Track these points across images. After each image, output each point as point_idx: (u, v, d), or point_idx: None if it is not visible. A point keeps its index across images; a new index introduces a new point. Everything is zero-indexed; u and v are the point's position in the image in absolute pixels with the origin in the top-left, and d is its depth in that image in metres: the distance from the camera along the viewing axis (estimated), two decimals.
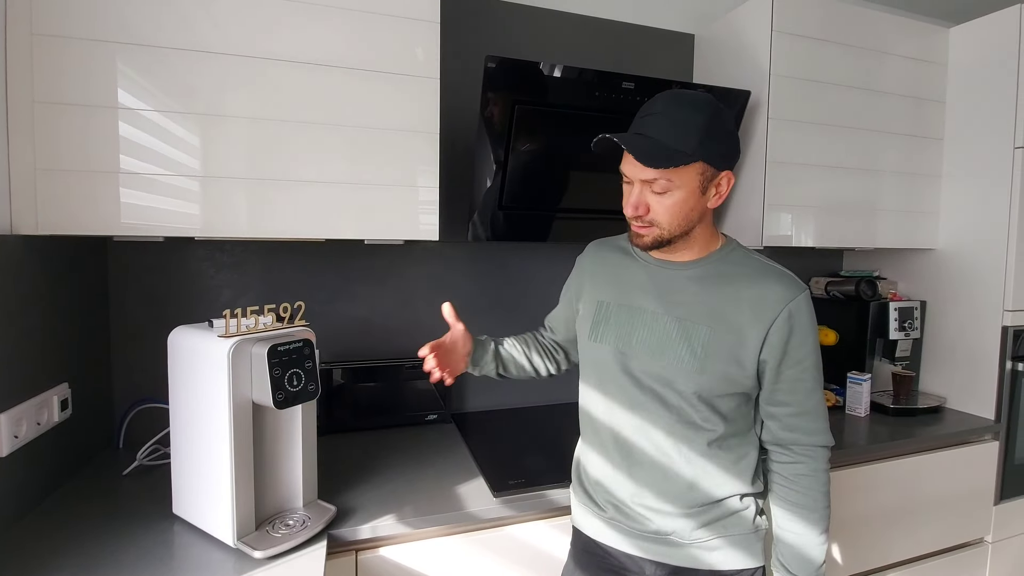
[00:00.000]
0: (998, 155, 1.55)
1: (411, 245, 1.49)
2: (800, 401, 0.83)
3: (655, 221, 0.81)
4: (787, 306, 0.80)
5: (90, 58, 0.94)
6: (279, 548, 0.84)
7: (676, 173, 0.77)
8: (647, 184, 0.79)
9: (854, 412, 1.60)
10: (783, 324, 0.80)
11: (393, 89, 1.12)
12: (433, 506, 1.01)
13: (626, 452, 0.88)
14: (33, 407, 0.96)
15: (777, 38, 1.44)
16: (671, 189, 0.78)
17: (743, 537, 0.86)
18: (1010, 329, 1.54)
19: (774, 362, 0.81)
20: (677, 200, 0.79)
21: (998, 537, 1.60)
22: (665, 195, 0.79)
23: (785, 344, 0.80)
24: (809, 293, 0.83)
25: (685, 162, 0.76)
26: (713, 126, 0.76)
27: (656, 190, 0.79)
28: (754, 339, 0.80)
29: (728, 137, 0.79)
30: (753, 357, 0.81)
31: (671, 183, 0.78)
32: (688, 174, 0.78)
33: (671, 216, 0.80)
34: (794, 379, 0.82)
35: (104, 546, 0.86)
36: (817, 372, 0.84)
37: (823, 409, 0.85)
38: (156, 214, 0.99)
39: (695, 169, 0.78)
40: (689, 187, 0.78)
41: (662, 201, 0.79)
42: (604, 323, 0.90)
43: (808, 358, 0.82)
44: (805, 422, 0.84)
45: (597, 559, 0.93)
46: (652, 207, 0.80)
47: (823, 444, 0.85)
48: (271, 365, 0.84)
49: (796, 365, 0.81)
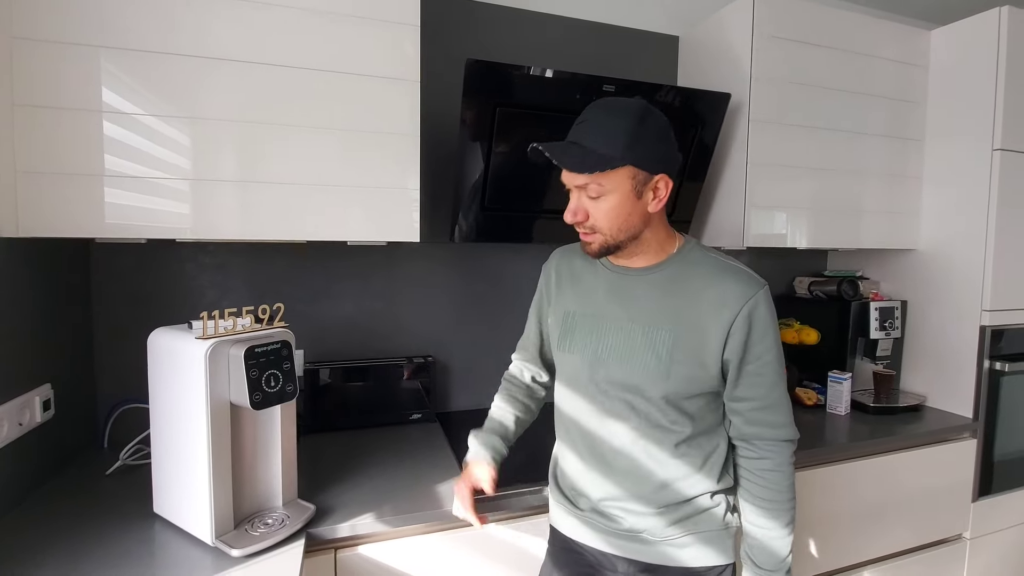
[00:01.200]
0: (977, 157, 1.57)
1: (395, 246, 1.50)
2: (762, 396, 0.84)
3: (596, 227, 0.83)
4: (746, 303, 0.81)
5: (71, 61, 0.95)
6: (257, 547, 0.86)
7: (605, 177, 0.79)
8: (582, 190, 0.82)
9: (835, 411, 1.62)
10: (743, 322, 0.81)
11: (375, 92, 1.13)
12: (413, 504, 1.02)
13: (598, 455, 0.90)
14: (15, 408, 0.97)
15: (759, 40, 1.46)
16: (603, 194, 0.80)
17: (714, 534, 0.88)
18: (988, 328, 1.57)
19: (735, 360, 0.82)
20: (612, 204, 0.81)
21: (976, 533, 1.63)
22: (600, 200, 0.81)
23: (745, 341, 0.82)
24: (768, 289, 0.83)
25: (612, 166, 0.78)
26: (640, 131, 0.78)
27: (591, 195, 0.81)
28: (716, 339, 0.82)
29: (659, 141, 0.80)
30: (716, 357, 0.82)
31: (602, 187, 0.80)
32: (618, 178, 0.79)
33: (609, 221, 0.82)
34: (755, 374, 0.83)
35: (84, 544, 0.87)
36: (779, 366, 0.84)
37: (786, 403, 0.86)
38: (139, 216, 1.00)
39: (625, 173, 0.79)
40: (621, 191, 0.80)
41: (598, 206, 0.81)
42: (571, 333, 0.92)
43: (768, 352, 0.83)
44: (767, 416, 0.85)
45: (573, 557, 0.95)
46: (591, 213, 0.82)
47: (787, 438, 0.86)
48: (248, 366, 0.85)
49: (756, 360, 0.83)
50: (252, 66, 1.05)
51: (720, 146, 1.55)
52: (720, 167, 1.58)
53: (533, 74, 1.23)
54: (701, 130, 1.47)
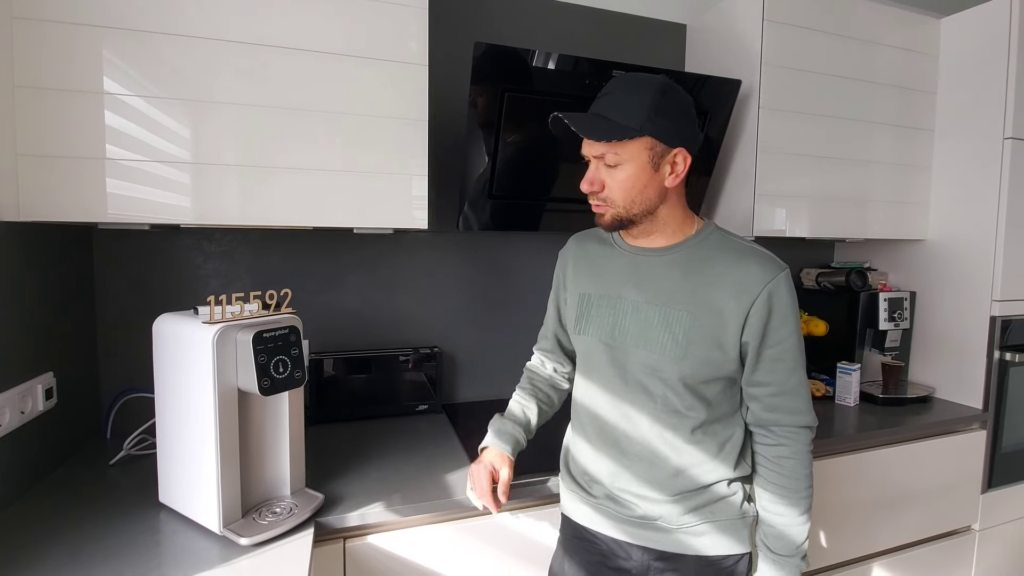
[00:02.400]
0: (988, 146, 1.56)
1: (401, 235, 1.48)
2: (780, 381, 0.83)
3: (609, 198, 0.83)
4: (766, 286, 0.80)
5: (72, 42, 0.93)
6: (265, 535, 0.84)
7: (623, 147, 0.79)
8: (600, 160, 0.82)
9: (843, 402, 1.60)
10: (763, 305, 0.80)
11: (382, 76, 1.11)
12: (422, 494, 1.01)
13: (612, 440, 0.89)
14: (17, 395, 0.95)
15: (769, 27, 1.44)
16: (620, 163, 0.80)
17: (730, 523, 0.86)
18: (998, 319, 1.55)
19: (755, 343, 0.81)
20: (628, 175, 0.80)
21: (985, 525, 1.62)
22: (616, 169, 0.81)
23: (765, 325, 0.80)
24: (789, 273, 0.82)
25: (629, 136, 0.78)
26: (662, 104, 0.78)
27: (608, 163, 0.81)
28: (735, 322, 0.80)
29: (680, 115, 0.80)
30: (735, 340, 0.81)
31: (619, 156, 0.79)
32: (635, 148, 0.79)
33: (624, 192, 0.81)
34: (774, 359, 0.82)
35: (90, 534, 0.85)
36: (798, 352, 0.83)
37: (804, 389, 0.85)
38: (142, 201, 0.98)
39: (643, 144, 0.79)
40: (638, 161, 0.80)
41: (614, 176, 0.81)
42: (587, 315, 0.91)
43: (789, 338, 0.82)
44: (786, 402, 0.84)
45: (585, 545, 0.93)
46: (606, 183, 0.82)
47: (805, 425, 0.85)
48: (256, 351, 0.83)
49: (776, 345, 0.81)
50: (257, 48, 1.03)
51: (729, 135, 1.53)
52: (729, 156, 1.57)
53: (541, 58, 1.21)
54: (707, 123, 1.45)
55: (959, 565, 1.60)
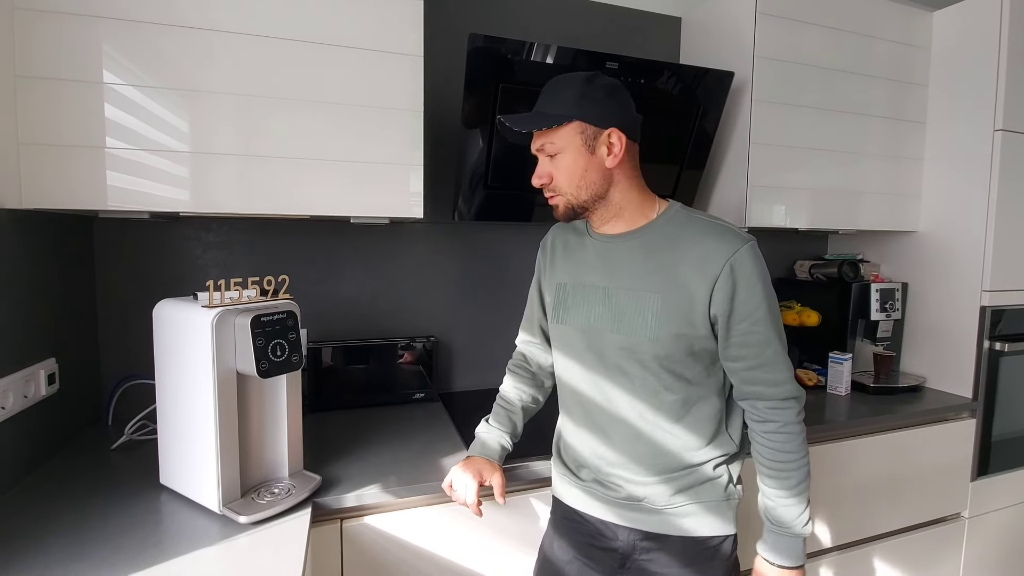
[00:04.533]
0: (978, 138, 1.58)
1: (397, 225, 1.50)
2: (755, 354, 0.83)
3: (557, 187, 0.87)
4: (728, 260, 0.80)
5: (72, 32, 0.95)
6: (264, 514, 0.86)
7: (555, 134, 0.84)
8: (542, 153, 0.87)
9: (835, 391, 1.63)
10: (727, 279, 0.80)
11: (378, 66, 1.13)
12: (418, 477, 1.03)
13: (596, 423, 0.91)
14: (20, 380, 0.97)
15: (761, 20, 1.46)
16: (557, 151, 0.85)
17: (715, 504, 0.88)
18: (988, 309, 1.58)
19: (723, 318, 0.82)
20: (568, 161, 0.85)
21: (974, 512, 1.64)
22: (557, 159, 0.86)
23: (731, 299, 0.81)
24: (754, 245, 0.82)
25: (557, 122, 0.83)
26: (586, 90, 0.83)
27: (548, 153, 0.86)
28: (701, 298, 0.81)
29: (607, 97, 0.84)
30: (703, 316, 0.82)
31: (555, 144, 0.85)
32: (567, 134, 0.84)
33: (568, 178, 0.85)
34: (745, 332, 0.82)
35: (92, 513, 0.87)
36: (770, 323, 0.82)
37: (783, 360, 0.84)
38: (140, 189, 1.00)
39: (574, 128, 0.83)
40: (573, 146, 0.84)
41: (557, 165, 0.86)
42: (564, 304, 0.93)
43: (757, 310, 0.81)
44: (764, 374, 0.84)
45: (574, 526, 0.95)
46: (552, 174, 0.87)
47: (787, 396, 0.84)
48: (254, 335, 0.85)
49: (746, 318, 0.81)
50: (253, 38, 1.04)
51: (722, 128, 1.55)
52: (722, 149, 1.58)
53: (536, 50, 1.23)
54: (701, 117, 1.47)
55: (949, 552, 1.63)
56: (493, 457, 0.99)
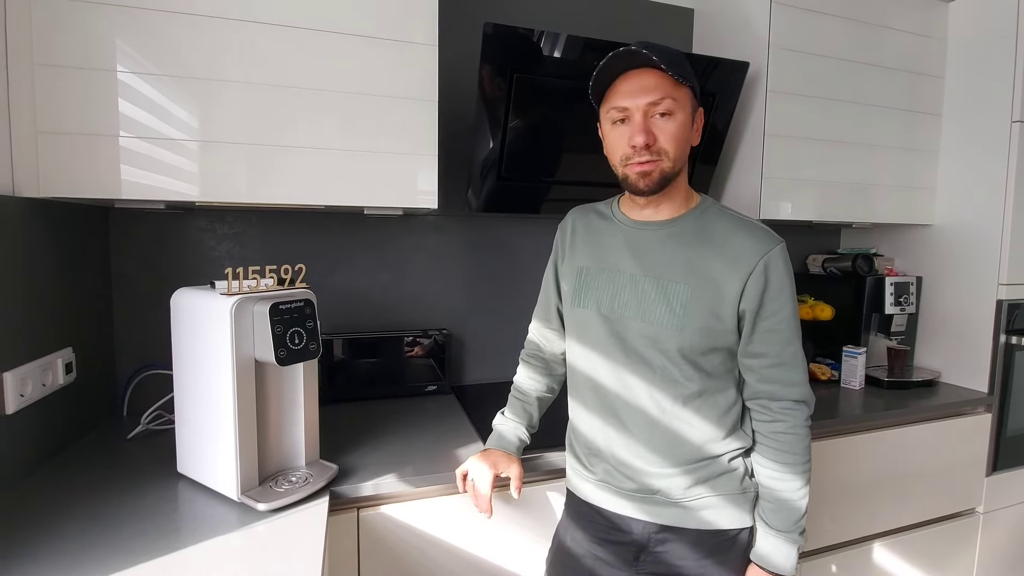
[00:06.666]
0: (995, 129, 1.56)
1: (409, 217, 1.49)
2: (776, 352, 0.83)
3: (663, 150, 0.80)
4: (763, 258, 0.81)
5: (88, 20, 0.95)
6: (282, 501, 0.86)
7: (681, 92, 0.81)
8: (654, 107, 0.79)
9: (849, 385, 1.61)
10: (760, 275, 0.80)
11: (391, 56, 1.12)
12: (434, 467, 1.03)
13: (611, 412, 0.90)
14: (38, 368, 0.97)
15: (777, 10, 1.44)
16: (675, 111, 0.80)
17: (731, 497, 0.87)
18: (1004, 303, 1.56)
19: (751, 314, 0.82)
20: (679, 124, 0.81)
21: (989, 508, 1.63)
22: (669, 120, 0.80)
23: (762, 295, 0.81)
24: (785, 247, 0.83)
25: (690, 82, 0.80)
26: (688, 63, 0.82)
27: (662, 110, 0.80)
28: (732, 292, 0.81)
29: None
30: (732, 311, 0.82)
31: (676, 103, 0.80)
32: (687, 96, 0.82)
33: (675, 144, 0.81)
34: (769, 330, 0.82)
35: (109, 500, 0.88)
36: (794, 325, 0.83)
37: (801, 363, 0.85)
38: (156, 178, 1.00)
39: (689, 94, 0.82)
40: (686, 112, 0.82)
41: (666, 127, 0.80)
42: (585, 288, 0.91)
43: (783, 309, 0.82)
44: (781, 373, 0.84)
45: (588, 519, 0.95)
46: (658, 135, 0.80)
47: (800, 398, 0.85)
48: (273, 323, 0.85)
49: (772, 316, 0.82)
50: (269, 27, 1.04)
51: (736, 119, 1.54)
52: (736, 140, 1.57)
53: (550, 40, 1.22)
54: (715, 107, 1.46)
55: (963, 547, 1.61)
56: (510, 449, 0.99)
